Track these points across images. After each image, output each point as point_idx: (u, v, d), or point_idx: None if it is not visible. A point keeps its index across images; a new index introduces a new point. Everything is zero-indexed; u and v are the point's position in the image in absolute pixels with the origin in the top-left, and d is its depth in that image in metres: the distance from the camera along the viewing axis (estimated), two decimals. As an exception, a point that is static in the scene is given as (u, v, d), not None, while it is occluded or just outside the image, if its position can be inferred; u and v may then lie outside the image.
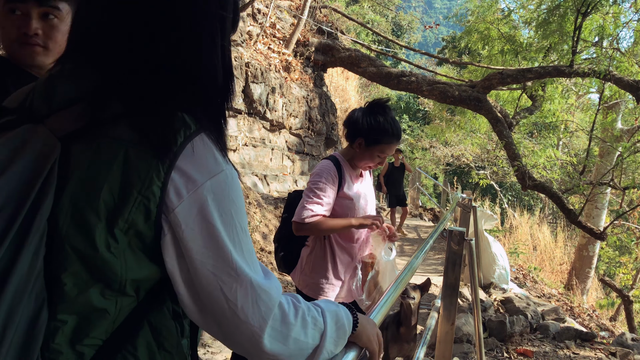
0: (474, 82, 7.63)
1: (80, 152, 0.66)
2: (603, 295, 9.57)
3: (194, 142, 0.69)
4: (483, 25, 9.14)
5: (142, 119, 0.68)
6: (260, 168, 6.73)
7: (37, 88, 0.73)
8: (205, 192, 0.68)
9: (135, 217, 0.66)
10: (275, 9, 8.24)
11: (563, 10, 6.76)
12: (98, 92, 0.70)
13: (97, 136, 0.67)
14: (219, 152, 0.72)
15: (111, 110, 0.68)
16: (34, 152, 0.66)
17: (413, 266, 1.57)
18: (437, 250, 8.56)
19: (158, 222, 0.68)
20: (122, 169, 0.65)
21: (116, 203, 0.65)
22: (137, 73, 0.70)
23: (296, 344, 0.73)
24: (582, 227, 6.71)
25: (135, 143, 0.66)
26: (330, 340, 0.78)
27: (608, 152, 8.94)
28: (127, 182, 0.65)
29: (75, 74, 0.72)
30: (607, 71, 5.99)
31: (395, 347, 2.67)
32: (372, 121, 1.98)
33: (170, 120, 0.69)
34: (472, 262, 2.48)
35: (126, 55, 0.70)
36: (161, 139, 0.67)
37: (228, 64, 0.77)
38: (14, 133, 0.68)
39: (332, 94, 10.14)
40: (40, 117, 0.69)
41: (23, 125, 0.68)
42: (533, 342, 4.06)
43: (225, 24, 0.76)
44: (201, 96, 0.74)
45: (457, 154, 17.16)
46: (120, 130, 0.67)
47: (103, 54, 0.71)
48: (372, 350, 0.89)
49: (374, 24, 21.24)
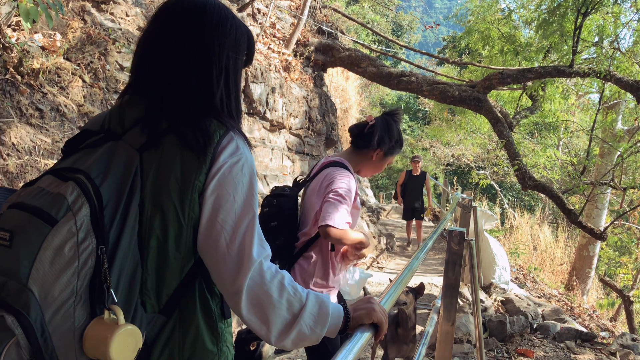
0: (474, 82, 7.62)
1: (150, 157, 0.95)
2: (603, 295, 9.56)
3: (225, 138, 1.00)
4: (483, 25, 9.14)
5: (183, 130, 0.97)
6: (260, 168, 6.73)
7: (112, 115, 1.04)
8: (225, 167, 0.97)
9: (194, 196, 0.95)
10: (275, 9, 8.23)
11: (563, 10, 6.75)
12: (149, 115, 1.00)
13: (158, 145, 0.96)
14: (242, 144, 1.03)
15: (162, 126, 0.98)
16: (122, 161, 0.94)
17: (413, 266, 1.56)
18: (437, 250, 8.56)
19: (202, 193, 0.96)
20: (180, 164, 0.95)
21: (181, 188, 0.94)
22: (175, 99, 1.01)
23: (268, 298, 0.94)
24: (583, 228, 6.70)
25: (185, 147, 0.95)
26: (310, 316, 0.97)
27: (608, 152, 8.93)
28: (185, 173, 0.94)
29: (134, 102, 1.03)
30: (607, 71, 5.98)
31: (394, 348, 2.68)
32: (395, 132, 2.03)
33: (206, 127, 0.98)
34: (472, 262, 2.48)
35: (166, 87, 1.01)
36: (200, 143, 0.96)
37: (236, 89, 1.09)
38: (104, 149, 0.96)
39: (332, 94, 10.14)
40: (118, 136, 0.99)
41: (107, 143, 0.97)
42: (533, 342, 4.05)
43: (238, 63, 1.09)
44: (224, 110, 1.05)
45: (458, 154, 17.16)
46: (172, 139, 0.96)
47: (150, 87, 1.02)
48: (377, 320, 1.05)
49: (374, 24, 21.23)
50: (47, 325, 0.82)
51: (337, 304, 1.03)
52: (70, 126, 3.51)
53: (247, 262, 0.94)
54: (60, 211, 0.85)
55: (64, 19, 3.84)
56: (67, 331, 0.84)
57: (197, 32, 1.03)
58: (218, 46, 1.04)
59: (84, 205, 0.86)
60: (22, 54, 3.27)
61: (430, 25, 12.96)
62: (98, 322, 0.85)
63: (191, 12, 1.04)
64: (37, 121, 3.27)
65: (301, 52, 8.29)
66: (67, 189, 0.87)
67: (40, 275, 0.82)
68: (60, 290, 0.83)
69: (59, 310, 0.83)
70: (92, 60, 3.90)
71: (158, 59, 1.02)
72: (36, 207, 0.86)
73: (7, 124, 3.04)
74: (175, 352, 0.99)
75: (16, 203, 0.89)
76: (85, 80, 3.78)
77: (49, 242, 0.83)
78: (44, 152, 3.19)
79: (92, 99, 3.80)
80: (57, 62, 3.56)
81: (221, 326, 1.06)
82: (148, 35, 1.06)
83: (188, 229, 0.95)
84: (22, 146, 3.08)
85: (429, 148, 19.91)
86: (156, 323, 0.98)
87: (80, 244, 0.85)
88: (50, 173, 0.93)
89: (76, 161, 0.95)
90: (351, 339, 0.96)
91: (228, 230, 0.95)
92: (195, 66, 1.02)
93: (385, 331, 1.07)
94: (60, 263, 0.83)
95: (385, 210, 16.61)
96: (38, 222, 0.84)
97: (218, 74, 1.04)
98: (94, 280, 0.86)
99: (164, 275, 0.96)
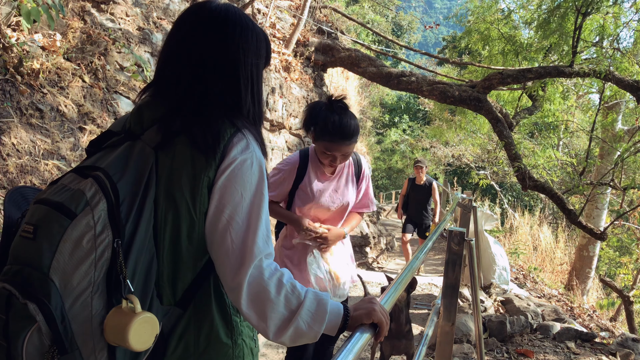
0: (474, 82, 7.61)
1: (164, 156, 1.00)
2: (603, 295, 9.56)
3: (235, 137, 1.03)
4: (483, 26, 9.14)
5: (194, 131, 1.01)
6: (260, 168, 6.73)
7: (132, 115, 1.09)
8: (235, 163, 1.01)
9: (204, 191, 0.99)
10: (275, 9, 8.23)
11: (563, 10, 6.74)
12: (166, 116, 1.04)
13: (171, 144, 1.00)
14: (253, 144, 1.05)
15: (175, 126, 1.02)
16: (139, 159, 0.99)
17: (413, 266, 1.56)
18: (437, 250, 8.56)
19: (212, 190, 1.00)
20: (191, 163, 0.99)
21: (192, 184, 0.98)
22: (195, 103, 1.05)
23: (266, 295, 0.97)
24: (583, 228, 6.70)
25: (194, 147, 1.00)
26: (307, 313, 0.99)
27: (608, 153, 8.93)
28: (196, 170, 0.99)
29: (152, 103, 1.08)
30: (608, 71, 5.98)
31: (387, 344, 2.70)
32: (320, 118, 2.01)
33: (216, 127, 1.02)
34: (472, 263, 2.48)
35: (188, 90, 1.06)
36: (209, 143, 1.00)
37: (259, 93, 1.14)
38: (122, 148, 1.02)
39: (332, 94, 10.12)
40: (137, 135, 1.04)
41: (126, 142, 1.03)
42: (533, 342, 4.05)
43: (260, 68, 1.14)
44: (241, 113, 1.10)
45: (458, 154, 17.16)
46: (183, 139, 1.01)
47: (171, 89, 1.07)
48: (377, 321, 1.06)
49: (374, 24, 21.23)
50: (67, 313, 0.87)
51: (338, 302, 1.06)
52: (70, 126, 3.50)
53: (249, 258, 0.98)
54: (79, 206, 0.91)
55: (64, 19, 3.84)
56: (86, 319, 0.89)
57: (222, 41, 1.07)
58: (243, 55, 1.08)
59: (102, 201, 0.92)
60: (22, 54, 3.27)
61: (430, 26, 12.95)
62: (117, 310, 0.89)
63: (214, 21, 1.08)
64: (37, 121, 3.27)
65: (301, 52, 8.28)
66: (86, 185, 0.93)
67: (60, 266, 0.88)
68: (78, 280, 0.88)
69: (77, 299, 0.88)
70: (92, 60, 3.90)
71: (182, 68, 1.07)
72: (58, 202, 0.92)
73: (7, 124, 3.03)
74: (191, 344, 1.04)
75: (41, 199, 0.95)
76: (85, 80, 3.78)
77: (68, 235, 0.89)
78: (44, 152, 3.19)
79: (92, 99, 3.80)
80: (57, 62, 3.56)
81: (236, 319, 1.09)
82: (172, 43, 1.10)
83: (199, 223, 1.00)
84: (22, 146, 3.07)
85: (429, 148, 19.91)
86: (172, 315, 1.02)
87: (98, 236, 0.90)
88: (73, 171, 1.00)
89: (97, 160, 1.01)
90: (351, 339, 0.96)
91: (234, 226, 0.99)
92: (221, 75, 1.06)
93: (385, 332, 1.08)
94: (79, 254, 0.89)
95: (385, 211, 16.61)
96: (59, 216, 0.90)
97: (245, 83, 1.09)
98: (111, 272, 0.90)
99: (178, 268, 1.01)
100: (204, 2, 1.12)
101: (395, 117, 27.77)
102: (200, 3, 1.13)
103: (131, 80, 4.25)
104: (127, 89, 4.17)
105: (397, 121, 27.57)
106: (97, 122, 3.72)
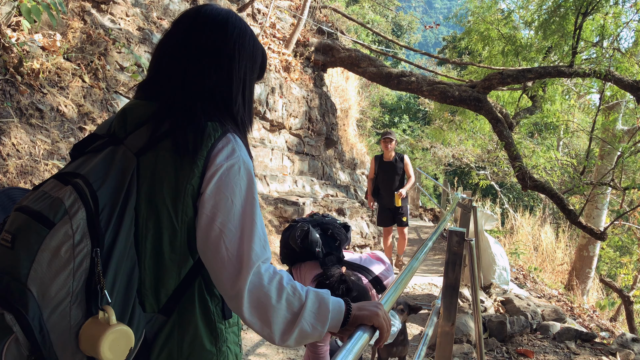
0: (474, 83, 7.61)
1: (146, 161, 0.98)
2: (603, 295, 9.55)
3: (220, 141, 1.01)
4: (483, 26, 9.13)
5: (178, 134, 0.99)
6: (260, 168, 6.73)
7: (117, 119, 1.07)
8: (222, 170, 0.98)
9: (187, 200, 0.97)
10: (275, 9, 8.23)
11: (564, 10, 6.74)
12: (154, 117, 1.02)
13: (155, 149, 0.98)
14: (240, 147, 1.03)
15: (162, 128, 1.00)
16: (120, 166, 0.97)
17: (413, 267, 1.56)
18: (437, 250, 8.55)
19: (199, 197, 0.98)
20: (174, 169, 0.97)
21: (173, 192, 0.97)
22: (185, 97, 1.04)
23: (268, 300, 0.95)
24: (583, 228, 6.70)
25: (178, 151, 0.97)
26: (310, 313, 0.98)
27: (608, 153, 8.93)
28: (178, 178, 0.97)
29: (139, 105, 1.07)
30: (608, 71, 5.98)
31: (384, 349, 2.72)
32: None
33: (201, 130, 1.00)
34: (472, 263, 2.48)
35: (179, 91, 1.04)
36: (192, 148, 0.97)
37: (250, 98, 1.14)
38: (105, 153, 1.00)
39: (332, 94, 10.13)
40: (120, 140, 1.02)
41: (109, 147, 1.01)
42: (533, 342, 4.05)
43: (253, 73, 1.15)
44: (231, 115, 1.09)
45: (458, 154, 17.15)
46: (167, 144, 0.98)
47: (163, 89, 1.06)
48: (378, 325, 1.04)
49: (374, 24, 21.22)
50: (45, 323, 0.86)
51: (339, 298, 1.04)
52: (70, 126, 3.50)
53: (246, 265, 0.96)
54: (58, 215, 0.89)
55: (64, 19, 3.84)
56: (64, 329, 0.88)
57: (220, 39, 1.08)
58: (238, 54, 1.09)
59: (80, 209, 0.90)
60: (22, 54, 3.27)
61: (430, 26, 12.96)
62: (93, 321, 0.89)
63: (214, 20, 1.09)
64: (37, 121, 3.26)
65: (301, 52, 8.28)
66: (65, 193, 0.92)
67: (38, 276, 0.86)
68: (57, 290, 0.87)
69: (56, 309, 0.87)
70: (92, 60, 3.90)
71: (176, 61, 1.07)
72: (36, 211, 0.91)
73: (7, 124, 3.03)
74: (174, 351, 1.03)
75: (21, 206, 0.94)
76: (85, 80, 3.78)
77: (46, 244, 0.87)
78: (44, 152, 3.19)
79: (92, 99, 3.80)
80: (57, 62, 3.56)
81: (220, 327, 1.08)
82: (168, 39, 1.11)
83: (182, 232, 0.98)
84: (22, 146, 3.07)
85: (429, 148, 19.89)
86: (155, 322, 1.01)
87: (76, 246, 0.88)
88: (55, 177, 0.98)
89: (79, 166, 0.99)
90: (351, 339, 0.96)
91: (227, 234, 0.97)
92: (216, 68, 1.06)
93: (386, 338, 1.07)
94: (57, 264, 0.87)
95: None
96: (37, 225, 0.89)
97: (237, 82, 1.09)
98: (90, 281, 0.89)
99: (160, 275, 1.00)
100: (207, 4, 1.15)
101: (395, 117, 27.78)
102: (202, 5, 1.15)
103: (131, 81, 4.25)
104: (127, 89, 4.17)
105: (397, 121, 27.57)
106: (97, 122, 3.72)
